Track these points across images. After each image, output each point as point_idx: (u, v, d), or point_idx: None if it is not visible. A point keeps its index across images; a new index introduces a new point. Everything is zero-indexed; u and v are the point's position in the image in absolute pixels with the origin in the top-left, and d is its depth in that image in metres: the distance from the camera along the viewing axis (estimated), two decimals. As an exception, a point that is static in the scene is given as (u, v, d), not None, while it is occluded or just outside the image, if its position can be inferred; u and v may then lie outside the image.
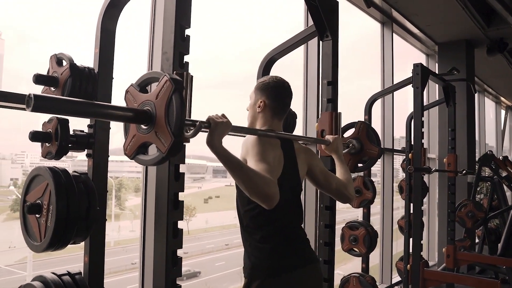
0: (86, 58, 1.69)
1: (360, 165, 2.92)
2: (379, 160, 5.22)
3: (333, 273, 2.19)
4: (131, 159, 1.26)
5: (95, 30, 1.66)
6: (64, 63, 1.58)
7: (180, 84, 1.16)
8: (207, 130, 1.37)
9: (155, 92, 1.19)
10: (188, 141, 1.43)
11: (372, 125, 4.00)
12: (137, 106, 1.24)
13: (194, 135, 1.37)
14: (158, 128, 1.17)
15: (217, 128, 1.37)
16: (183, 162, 1.43)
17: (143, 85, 1.29)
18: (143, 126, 1.22)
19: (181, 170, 1.46)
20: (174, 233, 1.36)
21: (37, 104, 0.99)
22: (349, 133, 2.97)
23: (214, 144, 1.37)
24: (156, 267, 1.37)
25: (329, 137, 2.12)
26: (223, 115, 1.44)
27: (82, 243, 1.59)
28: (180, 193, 1.44)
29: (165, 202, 1.38)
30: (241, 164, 1.43)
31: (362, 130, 2.83)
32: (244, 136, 1.74)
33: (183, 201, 1.42)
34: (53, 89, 1.59)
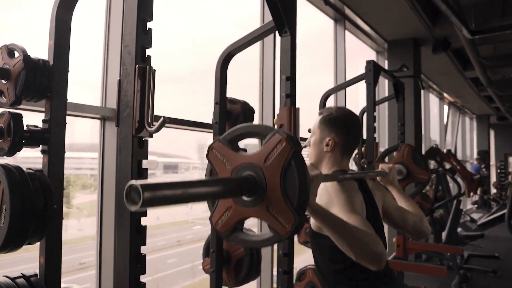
0: (38, 50, 1.61)
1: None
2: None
3: (292, 265, 2.22)
4: (225, 237, 0.98)
5: (49, 21, 1.59)
6: (17, 54, 1.51)
7: (299, 145, 0.91)
8: (170, 126, 1.34)
9: (262, 153, 0.92)
10: (151, 136, 1.40)
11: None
12: (231, 170, 0.96)
13: (157, 130, 1.35)
14: (271, 203, 0.90)
15: (312, 182, 1.18)
16: (146, 158, 1.40)
17: (234, 140, 1.01)
18: (245, 198, 0.94)
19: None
20: (138, 229, 1.34)
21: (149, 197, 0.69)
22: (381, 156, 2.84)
23: (310, 202, 1.17)
24: (118, 265, 1.34)
25: (383, 167, 1.90)
26: (312, 165, 1.29)
27: (37, 243, 1.52)
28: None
29: (127, 199, 1.35)
30: (344, 223, 1.24)
31: (407, 153, 2.62)
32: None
33: (146, 197, 1.39)
34: (4, 82, 1.51)
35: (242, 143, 1.11)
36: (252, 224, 3.93)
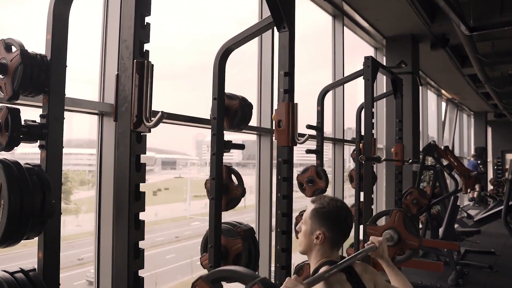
0: (36, 45, 1.61)
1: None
2: (330, 149, 5.33)
3: (290, 260, 2.23)
4: None
5: (46, 15, 1.58)
6: (14, 49, 1.50)
7: None
8: (168, 121, 1.34)
9: None
10: (149, 131, 1.40)
11: (324, 116, 4.13)
12: None
13: (155, 125, 1.35)
14: None
15: None
16: (144, 153, 1.40)
17: (217, 280, 1.07)
18: None
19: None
20: (136, 224, 1.34)
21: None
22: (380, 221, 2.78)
23: None
24: (117, 260, 1.34)
25: (373, 240, 1.91)
26: (297, 279, 1.29)
27: (36, 238, 1.52)
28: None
29: (126, 194, 1.35)
30: None
31: (398, 219, 2.59)
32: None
33: (144, 192, 1.39)
34: (2, 77, 1.50)
35: (240, 139, 1.11)
36: (250, 220, 3.95)
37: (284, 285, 1.23)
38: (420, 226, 6.49)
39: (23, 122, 1.48)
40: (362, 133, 3.75)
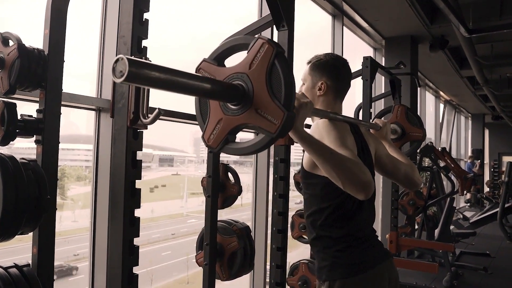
0: (34, 39, 1.60)
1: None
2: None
3: (286, 259, 2.23)
4: (217, 151, 1.01)
5: (44, 10, 1.57)
6: (11, 43, 1.49)
7: (281, 46, 0.94)
8: (166, 118, 1.34)
9: (247, 61, 0.95)
10: (146, 128, 1.40)
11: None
12: None
13: (152, 122, 1.35)
14: (259, 105, 0.92)
15: (301, 109, 1.20)
16: (141, 149, 1.39)
17: (220, 57, 1.04)
18: (232, 106, 0.96)
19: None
20: (131, 221, 1.33)
21: (133, 72, 0.70)
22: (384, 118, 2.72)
23: (298, 128, 1.21)
24: (111, 256, 1.34)
25: (378, 122, 1.92)
26: (303, 94, 1.27)
27: (30, 234, 1.52)
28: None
29: (121, 190, 1.35)
30: (331, 150, 1.24)
31: (401, 113, 2.60)
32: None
33: (140, 188, 1.39)
34: (-1, 71, 1.50)
35: (237, 137, 1.11)
36: (247, 219, 3.94)
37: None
38: (416, 227, 6.50)
39: (19, 117, 1.48)
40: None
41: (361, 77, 3.63)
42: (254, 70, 0.93)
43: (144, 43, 1.39)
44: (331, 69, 1.60)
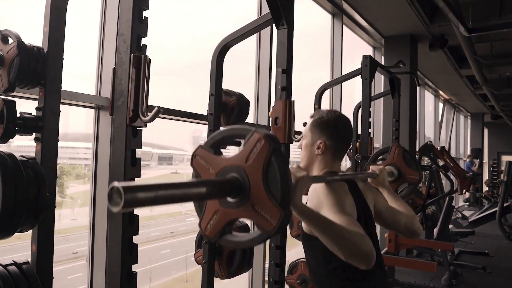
0: (33, 37, 1.60)
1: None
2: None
3: (284, 258, 2.23)
4: (215, 241, 0.99)
5: (44, 7, 1.57)
6: (11, 40, 1.49)
7: (278, 142, 0.93)
8: (165, 116, 1.34)
9: (243, 154, 0.94)
10: (145, 126, 1.40)
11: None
12: (215, 174, 0.97)
13: (151, 120, 1.35)
14: (255, 201, 0.91)
15: (298, 184, 1.20)
16: (140, 147, 1.40)
17: (217, 145, 1.02)
18: (230, 199, 0.95)
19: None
20: (130, 219, 1.34)
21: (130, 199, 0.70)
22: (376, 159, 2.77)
23: (297, 204, 1.20)
24: (110, 255, 1.34)
25: (374, 168, 1.91)
26: (299, 167, 1.27)
27: (29, 231, 1.52)
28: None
29: (120, 188, 1.34)
30: (331, 223, 1.24)
31: (398, 154, 2.61)
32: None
33: (139, 187, 1.38)
34: (-2, 68, 1.49)
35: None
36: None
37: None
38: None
39: (18, 114, 1.48)
40: (359, 132, 3.75)
41: (360, 76, 3.63)
42: (251, 165, 0.92)
43: (144, 41, 1.39)
44: (331, 129, 1.61)
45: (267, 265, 2.39)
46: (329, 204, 1.38)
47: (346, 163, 6.00)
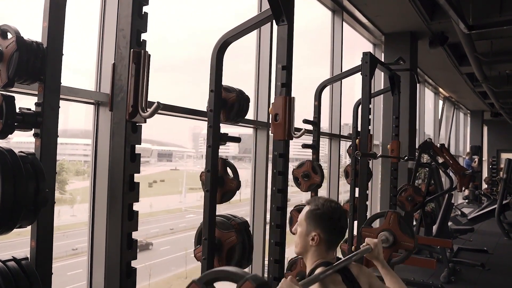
0: (32, 32, 1.59)
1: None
2: (326, 144, 5.33)
3: (284, 254, 2.23)
4: None
5: (43, 2, 1.56)
6: (10, 35, 1.48)
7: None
8: (165, 112, 1.34)
9: None
10: (145, 122, 1.39)
11: (321, 111, 4.13)
12: None
13: (151, 115, 1.34)
14: None
15: None
16: (139, 143, 1.39)
17: (209, 282, 1.05)
18: None
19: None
20: (130, 215, 1.33)
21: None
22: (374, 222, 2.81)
23: None
24: (110, 250, 1.34)
25: (369, 242, 1.93)
26: (292, 279, 1.29)
27: (29, 227, 1.52)
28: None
29: (120, 184, 1.34)
30: None
31: (393, 220, 2.59)
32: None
33: (139, 182, 1.39)
34: (-3, 64, 1.49)
35: (236, 132, 1.11)
36: (245, 214, 3.95)
37: (279, 286, 1.23)
38: (414, 223, 6.51)
39: (17, 110, 1.47)
40: (359, 129, 3.75)
41: (360, 73, 3.62)
42: None
43: (143, 36, 1.38)
44: (326, 223, 1.63)
45: (266, 262, 2.39)
46: None
47: (345, 160, 6.01)
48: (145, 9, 1.38)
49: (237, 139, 2.59)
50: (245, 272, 1.00)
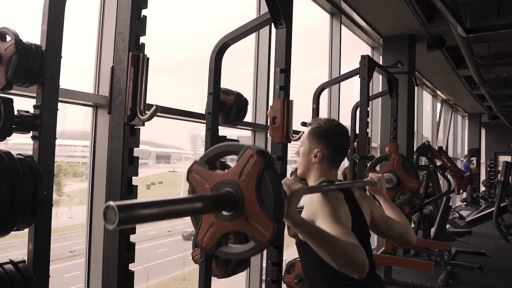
0: (31, 35, 1.59)
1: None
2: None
3: (282, 257, 2.23)
4: (211, 253, 1.03)
5: (42, 5, 1.56)
6: (8, 38, 1.49)
7: (270, 157, 0.96)
8: (163, 115, 1.34)
9: (236, 169, 0.97)
10: (143, 125, 1.40)
11: (319, 114, 4.13)
12: (211, 188, 1.01)
13: (149, 119, 1.35)
14: (249, 214, 0.95)
15: (293, 197, 1.21)
16: (138, 146, 1.39)
17: (211, 161, 1.05)
18: (225, 213, 0.98)
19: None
20: (128, 218, 1.33)
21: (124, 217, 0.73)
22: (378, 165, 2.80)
23: (291, 215, 1.20)
24: (107, 253, 1.34)
25: (372, 176, 1.91)
26: (295, 178, 1.28)
27: (26, 230, 1.52)
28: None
29: (118, 187, 1.34)
30: (325, 234, 1.27)
31: (397, 162, 2.62)
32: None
33: (136, 185, 1.39)
34: (-5, 66, 1.49)
35: (235, 135, 1.12)
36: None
37: (283, 181, 1.20)
38: (412, 225, 6.52)
39: (16, 112, 1.47)
40: (357, 132, 3.76)
41: (358, 75, 3.63)
42: (244, 179, 0.96)
43: (142, 39, 1.39)
44: (329, 139, 1.62)
45: (264, 264, 2.39)
46: (324, 214, 1.40)
47: (344, 162, 6.01)
48: (144, 11, 1.39)
49: (235, 142, 2.59)
50: (243, 143, 1.01)
